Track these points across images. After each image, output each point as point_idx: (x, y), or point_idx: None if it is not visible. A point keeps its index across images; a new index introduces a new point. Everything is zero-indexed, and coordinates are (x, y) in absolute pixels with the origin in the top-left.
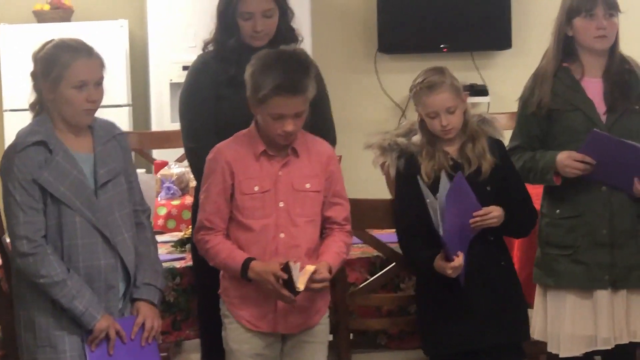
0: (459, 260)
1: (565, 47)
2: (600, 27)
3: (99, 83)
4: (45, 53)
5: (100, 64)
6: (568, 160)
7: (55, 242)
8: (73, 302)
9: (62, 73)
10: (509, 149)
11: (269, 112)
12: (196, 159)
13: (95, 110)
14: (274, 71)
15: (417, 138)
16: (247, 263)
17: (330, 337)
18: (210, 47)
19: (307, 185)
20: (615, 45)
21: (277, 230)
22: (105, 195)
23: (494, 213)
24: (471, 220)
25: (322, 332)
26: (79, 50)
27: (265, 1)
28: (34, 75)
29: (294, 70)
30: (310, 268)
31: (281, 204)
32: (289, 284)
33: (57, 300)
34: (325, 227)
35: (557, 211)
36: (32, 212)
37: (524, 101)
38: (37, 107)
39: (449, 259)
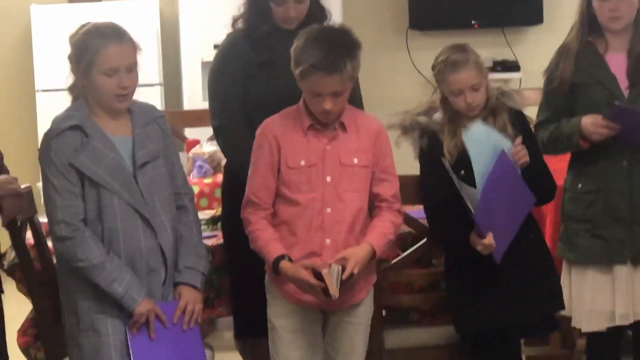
0: (489, 238)
1: (591, 23)
2: (613, 9)
3: (131, 69)
4: (77, 39)
5: (132, 49)
6: (593, 126)
7: (95, 226)
8: (112, 285)
9: (93, 60)
10: (537, 123)
11: (307, 88)
12: (221, 137)
13: (129, 95)
14: (313, 49)
15: (438, 116)
16: (277, 262)
17: None
18: (240, 24)
19: (355, 160)
20: (638, 21)
21: (324, 204)
22: (144, 177)
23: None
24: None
25: (365, 312)
26: (110, 36)
27: None
28: (69, 59)
29: (332, 50)
30: (334, 268)
31: (328, 179)
32: (325, 290)
33: (96, 283)
34: (375, 204)
35: (579, 186)
36: (69, 196)
37: (548, 75)
38: (76, 91)
39: (482, 235)
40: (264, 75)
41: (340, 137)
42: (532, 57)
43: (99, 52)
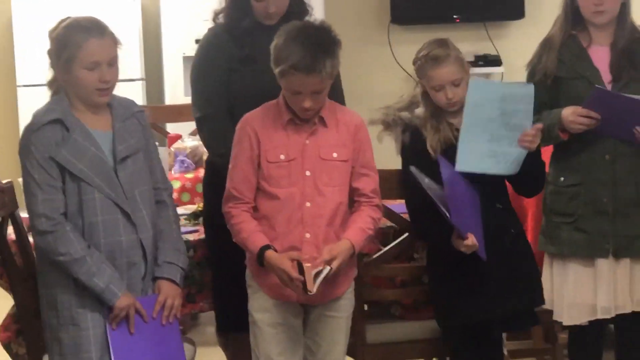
0: (471, 239)
1: (575, 16)
2: (597, 3)
3: (111, 63)
4: (57, 33)
5: (113, 43)
6: (573, 115)
7: (75, 220)
8: (93, 280)
9: (74, 54)
10: None
11: (286, 87)
12: (204, 128)
13: (110, 89)
14: (293, 48)
15: (420, 111)
16: (262, 252)
17: None
18: (221, 19)
19: (334, 155)
20: (623, 15)
21: (303, 199)
22: (125, 171)
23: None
24: (523, 137)
25: (346, 306)
26: (91, 30)
27: None
28: (49, 54)
29: (312, 49)
30: (310, 268)
31: (307, 173)
32: (304, 285)
33: (77, 277)
34: (354, 199)
35: (561, 179)
36: (50, 190)
37: (531, 68)
38: (55, 85)
39: (462, 237)
40: (246, 69)
41: (319, 131)
42: (514, 52)
43: (80, 47)
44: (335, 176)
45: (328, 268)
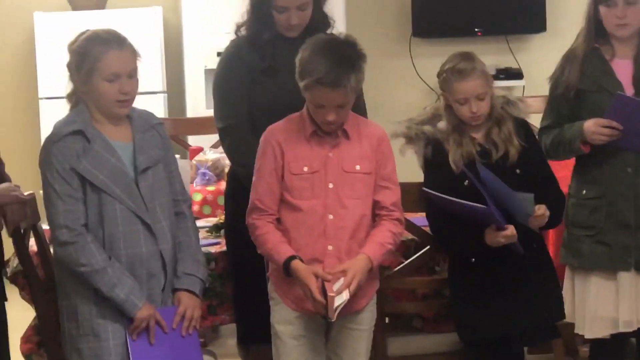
0: (510, 229)
1: (598, 29)
2: (620, 16)
3: (131, 75)
4: (77, 46)
5: (133, 55)
6: (595, 126)
7: (96, 231)
8: (114, 290)
9: (94, 66)
10: (540, 128)
11: (311, 100)
12: (227, 140)
13: (130, 101)
14: (318, 62)
15: (442, 124)
16: (288, 262)
17: None
18: (243, 31)
19: (357, 167)
20: None
21: (326, 211)
22: (145, 182)
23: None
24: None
25: (367, 319)
26: (110, 42)
27: None
28: (68, 66)
29: (338, 64)
30: (337, 301)
31: (330, 185)
32: (326, 308)
33: (98, 288)
34: (375, 212)
35: (583, 192)
36: (71, 201)
37: (554, 81)
38: (74, 98)
39: (501, 228)
40: (268, 81)
41: (342, 144)
42: (535, 65)
43: (100, 59)
44: (358, 188)
45: (346, 298)
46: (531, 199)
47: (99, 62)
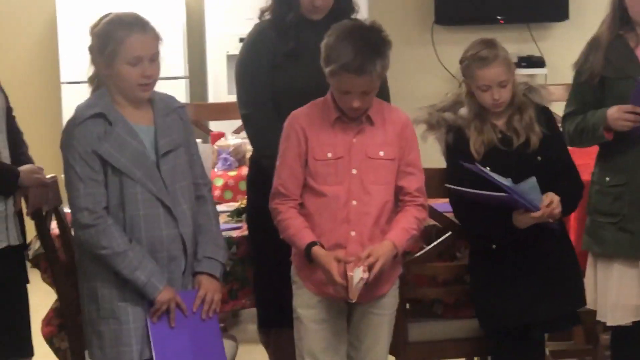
0: (543, 209)
1: (623, 16)
2: None
3: (153, 58)
4: (100, 29)
5: (155, 39)
6: (618, 112)
7: (117, 214)
8: (135, 273)
9: (117, 49)
10: (564, 115)
11: (336, 86)
12: (251, 124)
13: (152, 84)
14: (344, 48)
15: (464, 111)
16: (309, 248)
17: None
18: (267, 16)
19: (381, 153)
20: None
21: (349, 197)
22: (166, 166)
23: (556, 201)
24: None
25: (390, 304)
26: (133, 26)
27: None
28: (91, 49)
29: (363, 50)
30: (358, 275)
31: (354, 171)
32: (347, 290)
33: (119, 271)
34: (399, 198)
35: (607, 179)
36: (92, 184)
37: (578, 68)
38: (96, 81)
39: (530, 210)
40: (291, 65)
41: (367, 130)
42: (557, 53)
43: (122, 42)
44: (381, 175)
45: (365, 278)
46: (534, 182)
47: (121, 45)
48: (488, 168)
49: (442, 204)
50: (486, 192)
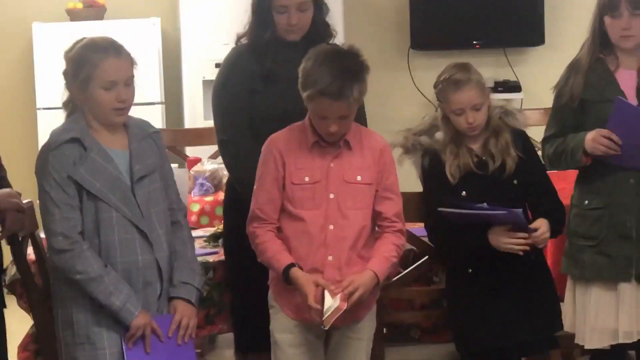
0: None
1: (603, 39)
2: (625, 27)
3: (128, 83)
4: (74, 53)
5: (129, 63)
6: (595, 135)
7: (92, 239)
8: (110, 298)
9: (91, 74)
10: (544, 138)
11: (313, 111)
12: (228, 151)
13: (127, 109)
14: (321, 73)
15: (440, 135)
16: (287, 269)
17: None
18: (244, 41)
19: (358, 178)
20: None
21: (327, 221)
22: (141, 191)
23: (544, 228)
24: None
25: (367, 328)
26: (107, 50)
27: None
28: (65, 74)
29: (341, 75)
30: (334, 305)
31: (331, 196)
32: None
33: (94, 296)
34: (377, 223)
35: (586, 202)
36: (67, 209)
37: (558, 91)
38: (70, 106)
39: (524, 229)
40: (269, 88)
41: (344, 154)
42: (533, 78)
43: (97, 66)
44: (359, 199)
45: (338, 305)
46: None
47: (95, 69)
48: (464, 192)
49: (419, 229)
50: (487, 210)
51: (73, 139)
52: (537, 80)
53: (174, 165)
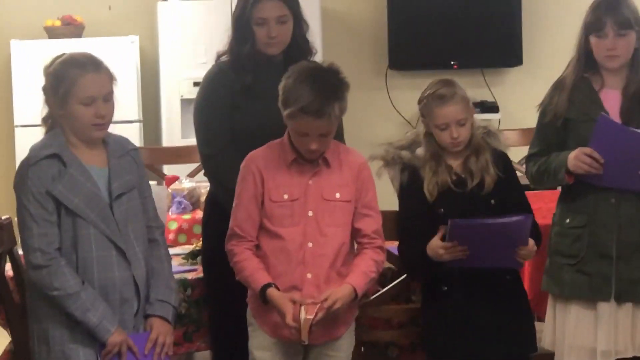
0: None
1: (588, 59)
2: (610, 48)
3: (107, 98)
4: (53, 69)
5: (109, 78)
6: (578, 152)
7: (69, 255)
8: (87, 315)
9: (70, 89)
10: (527, 155)
11: (294, 128)
12: (211, 166)
13: (106, 124)
14: (302, 91)
15: (420, 151)
16: (264, 289)
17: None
18: (224, 59)
19: (337, 195)
20: (636, 60)
21: (305, 239)
22: (120, 208)
23: (532, 243)
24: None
25: (346, 345)
26: (87, 65)
27: (279, 7)
28: (44, 90)
29: (322, 93)
30: (309, 318)
31: (310, 213)
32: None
33: (70, 312)
34: (357, 240)
35: (567, 220)
36: (46, 225)
37: (543, 109)
38: (50, 122)
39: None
40: (249, 104)
41: (323, 172)
42: (511, 98)
43: (76, 82)
44: (338, 216)
45: (312, 317)
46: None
47: (74, 85)
48: (442, 210)
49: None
50: (497, 220)
51: (52, 154)
52: (514, 100)
53: (152, 183)
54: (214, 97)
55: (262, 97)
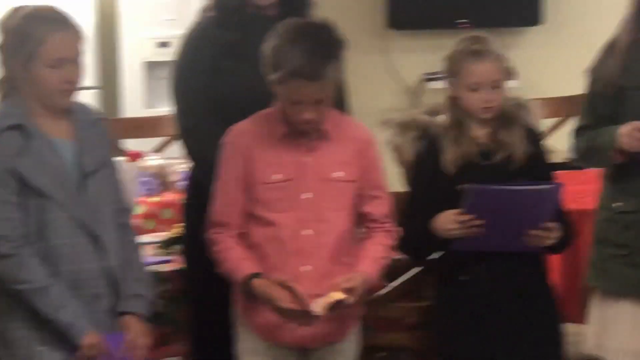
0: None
1: None
2: None
3: (76, 61)
4: (15, 25)
5: (78, 37)
6: (630, 128)
7: (35, 243)
8: (58, 312)
9: (36, 50)
10: (575, 129)
11: (284, 95)
12: (191, 139)
13: (74, 90)
14: (293, 51)
15: (442, 118)
16: (248, 281)
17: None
18: (209, 15)
19: (340, 174)
20: None
21: (301, 226)
22: (92, 187)
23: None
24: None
25: (350, 349)
26: (55, 22)
27: None
28: (2, 48)
29: (316, 53)
30: (335, 295)
31: (308, 195)
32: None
33: (39, 309)
34: (365, 225)
35: (616, 204)
36: (8, 208)
37: (592, 76)
38: (6, 86)
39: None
40: (235, 66)
41: (321, 147)
42: (530, 63)
43: (43, 41)
44: (340, 199)
45: (344, 300)
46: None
47: (41, 45)
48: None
49: None
50: (524, 186)
51: (14, 125)
52: (534, 65)
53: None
54: (195, 61)
55: (250, 59)
